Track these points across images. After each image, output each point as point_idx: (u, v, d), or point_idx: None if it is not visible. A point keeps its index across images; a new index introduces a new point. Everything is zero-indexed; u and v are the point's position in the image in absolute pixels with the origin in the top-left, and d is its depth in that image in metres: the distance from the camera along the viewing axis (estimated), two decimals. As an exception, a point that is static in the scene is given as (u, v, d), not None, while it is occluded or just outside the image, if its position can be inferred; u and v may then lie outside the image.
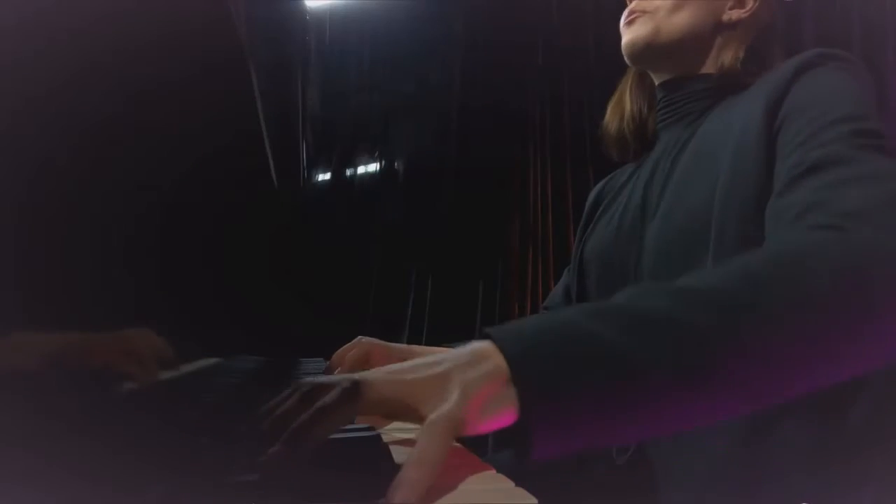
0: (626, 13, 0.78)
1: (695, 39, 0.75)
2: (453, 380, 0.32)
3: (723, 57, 0.74)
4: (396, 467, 0.35)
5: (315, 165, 2.53)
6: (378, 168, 2.52)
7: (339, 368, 0.71)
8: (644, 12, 0.76)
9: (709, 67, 0.75)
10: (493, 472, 0.38)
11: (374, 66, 2.52)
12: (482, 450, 0.49)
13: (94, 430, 0.26)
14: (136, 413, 0.32)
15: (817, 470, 0.53)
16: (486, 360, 0.33)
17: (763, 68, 0.73)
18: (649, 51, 0.76)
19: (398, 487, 0.29)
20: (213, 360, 0.52)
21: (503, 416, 0.32)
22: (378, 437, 0.45)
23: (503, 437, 0.36)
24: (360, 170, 2.55)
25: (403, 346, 0.73)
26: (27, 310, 0.22)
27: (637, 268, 0.71)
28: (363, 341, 0.73)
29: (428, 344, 0.77)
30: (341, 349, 0.73)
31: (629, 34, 0.77)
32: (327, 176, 2.53)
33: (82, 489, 0.23)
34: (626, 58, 0.80)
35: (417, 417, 0.33)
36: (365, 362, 0.70)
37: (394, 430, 0.50)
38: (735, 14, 0.74)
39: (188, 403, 0.44)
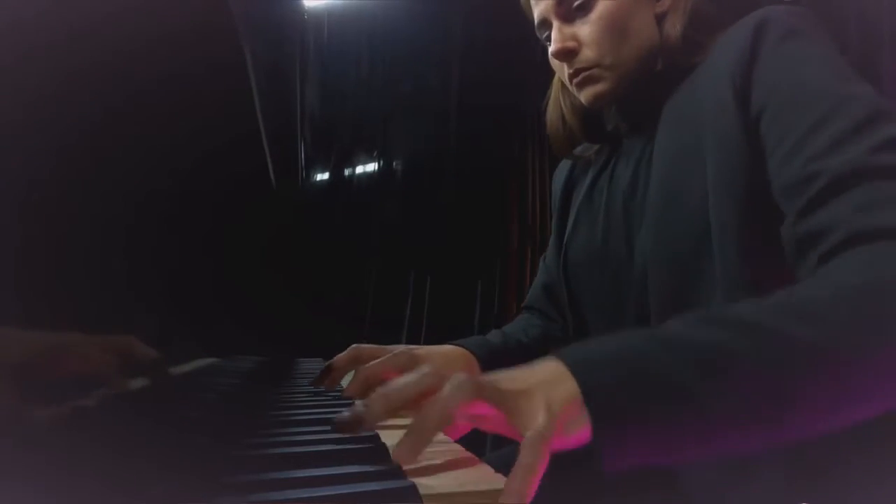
0: (569, 72, 0.69)
1: (650, 52, 0.68)
2: (538, 398, 0.36)
3: (667, 41, 0.67)
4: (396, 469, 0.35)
5: (313, 165, 2.53)
6: (376, 167, 2.52)
7: (333, 373, 0.70)
8: (591, 67, 0.68)
9: (658, 62, 0.69)
10: (492, 470, 0.38)
11: (373, 66, 2.51)
12: (480, 448, 0.49)
13: (90, 429, 0.26)
14: (133, 412, 0.32)
15: (814, 475, 0.52)
16: (563, 383, 0.36)
17: (710, 32, 0.65)
18: (615, 96, 0.70)
19: (506, 495, 0.32)
20: (210, 360, 0.51)
21: (580, 435, 0.36)
22: (377, 436, 0.45)
23: (504, 438, 0.39)
24: (359, 169, 2.54)
25: (396, 346, 0.72)
26: (16, 310, 0.22)
27: (631, 273, 0.68)
28: (355, 346, 0.72)
29: (426, 343, 0.76)
30: (336, 358, 0.71)
31: (588, 94, 0.69)
32: (325, 175, 2.52)
33: (79, 489, 0.23)
34: (589, 107, 0.73)
35: (506, 427, 0.37)
36: (356, 362, 0.68)
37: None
38: (666, 2, 0.68)
39: (186, 403, 0.44)
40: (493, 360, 0.76)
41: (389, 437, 0.43)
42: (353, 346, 0.72)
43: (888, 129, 0.48)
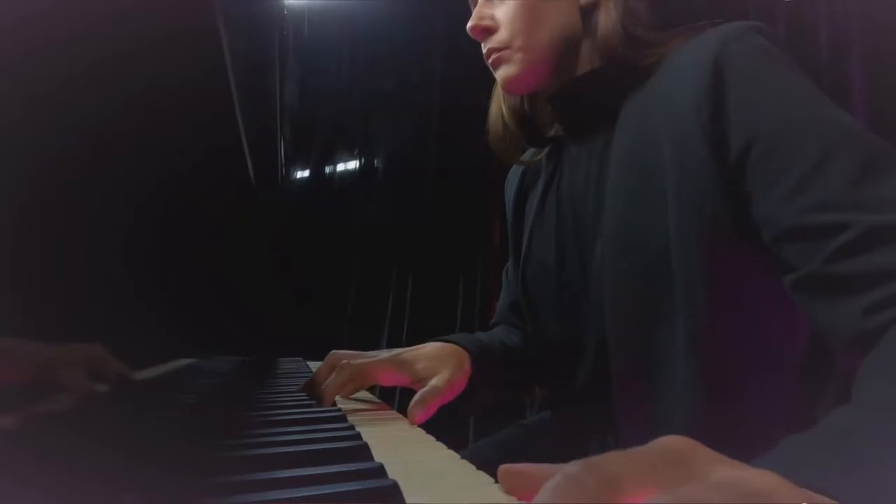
0: (484, 53, 0.70)
1: (567, 42, 0.67)
2: None
3: (603, 35, 0.64)
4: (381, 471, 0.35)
5: (294, 163, 2.52)
6: (358, 166, 2.51)
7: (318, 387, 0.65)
8: (502, 49, 0.68)
9: (594, 59, 0.67)
10: (474, 468, 0.38)
11: (354, 63, 2.50)
12: (463, 438, 0.48)
13: (71, 432, 0.26)
14: (114, 414, 0.32)
15: None
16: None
17: (653, 29, 0.64)
18: (526, 82, 0.69)
19: None
20: (190, 360, 0.51)
21: None
22: (358, 434, 0.45)
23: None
24: (340, 167, 2.53)
25: (378, 352, 0.70)
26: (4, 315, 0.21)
27: (587, 294, 0.67)
28: (333, 352, 0.71)
29: (408, 341, 0.75)
30: (316, 372, 0.68)
31: (500, 75, 0.70)
32: (306, 173, 2.51)
33: (61, 491, 0.23)
34: (505, 91, 0.73)
35: None
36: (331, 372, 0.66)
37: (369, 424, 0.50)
38: None
39: (167, 405, 0.44)
40: (483, 355, 0.74)
41: (372, 436, 0.44)
42: (331, 352, 0.70)
43: (871, 148, 0.48)
